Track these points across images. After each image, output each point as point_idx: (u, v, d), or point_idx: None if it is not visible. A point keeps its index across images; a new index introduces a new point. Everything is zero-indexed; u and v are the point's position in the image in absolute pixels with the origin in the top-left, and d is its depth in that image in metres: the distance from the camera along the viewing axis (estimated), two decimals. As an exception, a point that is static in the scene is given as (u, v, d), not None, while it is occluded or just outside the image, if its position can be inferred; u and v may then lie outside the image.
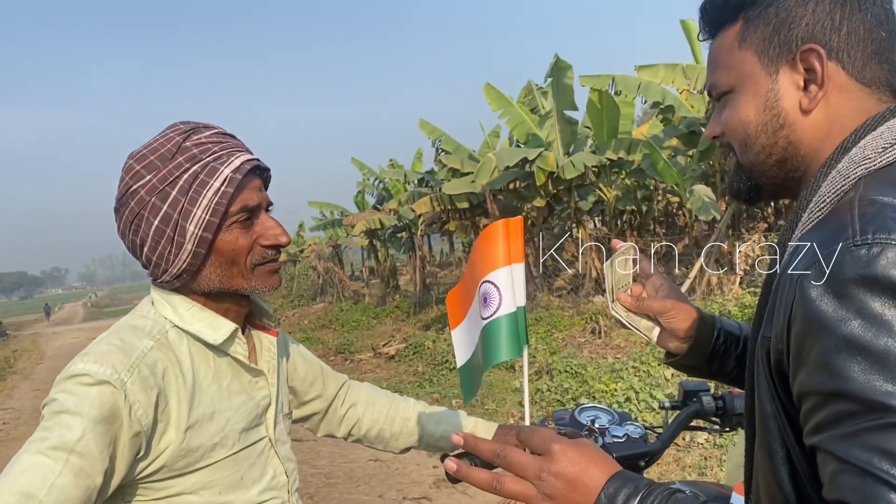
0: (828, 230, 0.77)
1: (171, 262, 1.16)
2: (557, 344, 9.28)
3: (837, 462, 0.68)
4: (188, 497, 1.18)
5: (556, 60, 10.90)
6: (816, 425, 0.71)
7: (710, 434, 5.02)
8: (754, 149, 0.93)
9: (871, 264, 0.69)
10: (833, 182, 0.83)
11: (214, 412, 1.21)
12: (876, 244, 0.69)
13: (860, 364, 0.67)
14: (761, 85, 0.90)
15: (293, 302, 23.06)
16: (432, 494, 4.89)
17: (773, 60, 0.89)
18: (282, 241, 1.24)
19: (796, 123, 0.89)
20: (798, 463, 0.79)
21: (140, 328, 1.18)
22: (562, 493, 0.83)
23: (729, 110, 0.94)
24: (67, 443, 1.02)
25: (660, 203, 15.24)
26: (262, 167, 1.25)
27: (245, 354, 1.26)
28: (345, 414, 1.62)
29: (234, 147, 1.20)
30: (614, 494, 0.80)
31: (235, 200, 1.17)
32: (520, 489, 0.85)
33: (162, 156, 1.14)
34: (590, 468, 0.84)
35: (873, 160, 0.82)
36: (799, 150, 0.90)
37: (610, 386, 6.31)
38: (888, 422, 0.65)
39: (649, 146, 9.96)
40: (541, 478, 0.84)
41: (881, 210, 0.73)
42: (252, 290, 1.24)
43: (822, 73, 0.85)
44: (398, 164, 19.73)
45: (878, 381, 0.66)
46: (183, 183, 1.13)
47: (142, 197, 1.13)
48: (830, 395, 0.69)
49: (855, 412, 0.67)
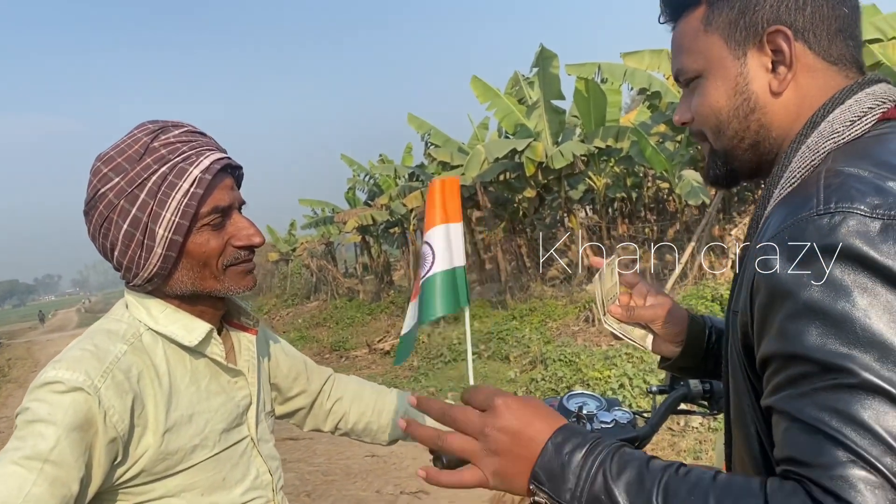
0: (794, 202, 0.79)
1: (142, 266, 1.14)
2: (551, 333, 9.30)
3: (790, 420, 0.69)
4: (170, 500, 1.17)
5: (542, 50, 10.89)
6: (774, 386, 0.73)
7: (705, 418, 5.04)
8: (728, 134, 0.93)
9: (833, 232, 0.70)
10: (803, 157, 0.84)
11: (193, 414, 1.19)
12: (838, 213, 0.71)
13: (818, 328, 0.69)
14: (730, 69, 0.90)
15: (287, 301, 23.01)
16: (429, 488, 4.89)
17: (739, 44, 0.89)
18: (255, 241, 1.22)
19: (767, 106, 0.90)
20: (765, 436, 0.80)
21: (114, 332, 1.16)
22: (506, 448, 0.80)
23: (699, 97, 0.94)
24: (41, 452, 1.00)
25: (649, 189, 15.25)
26: (233, 165, 1.22)
27: (222, 355, 1.25)
28: (331, 408, 1.60)
29: (203, 146, 1.17)
30: (562, 444, 0.78)
31: (206, 202, 1.15)
32: (463, 445, 0.83)
33: (129, 157, 1.12)
34: (535, 421, 0.81)
35: (841, 134, 0.83)
36: (771, 132, 0.91)
37: (604, 373, 6.33)
38: (842, 382, 0.66)
39: (637, 133, 9.96)
40: (484, 433, 0.81)
41: (846, 180, 0.74)
42: (226, 292, 1.22)
43: (790, 53, 0.86)
44: (388, 160, 19.66)
45: (835, 344, 0.67)
46: (151, 185, 1.11)
47: (110, 200, 1.11)
48: (789, 357, 0.71)
49: (811, 373, 0.69)
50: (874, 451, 0.63)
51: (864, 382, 0.65)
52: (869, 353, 0.66)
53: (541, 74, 11.05)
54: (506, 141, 11.85)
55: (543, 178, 11.90)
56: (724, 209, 11.38)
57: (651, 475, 0.73)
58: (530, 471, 0.79)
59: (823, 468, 0.65)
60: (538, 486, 0.79)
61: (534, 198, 13.07)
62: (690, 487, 0.70)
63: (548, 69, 10.94)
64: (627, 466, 0.75)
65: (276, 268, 28.04)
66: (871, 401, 0.64)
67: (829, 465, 0.64)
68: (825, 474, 0.64)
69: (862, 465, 0.63)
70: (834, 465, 0.64)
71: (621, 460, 0.76)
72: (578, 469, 0.76)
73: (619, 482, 0.74)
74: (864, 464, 0.63)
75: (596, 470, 0.75)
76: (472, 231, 15.90)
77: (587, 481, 0.75)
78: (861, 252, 0.68)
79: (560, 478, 0.77)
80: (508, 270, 13.52)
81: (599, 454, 0.77)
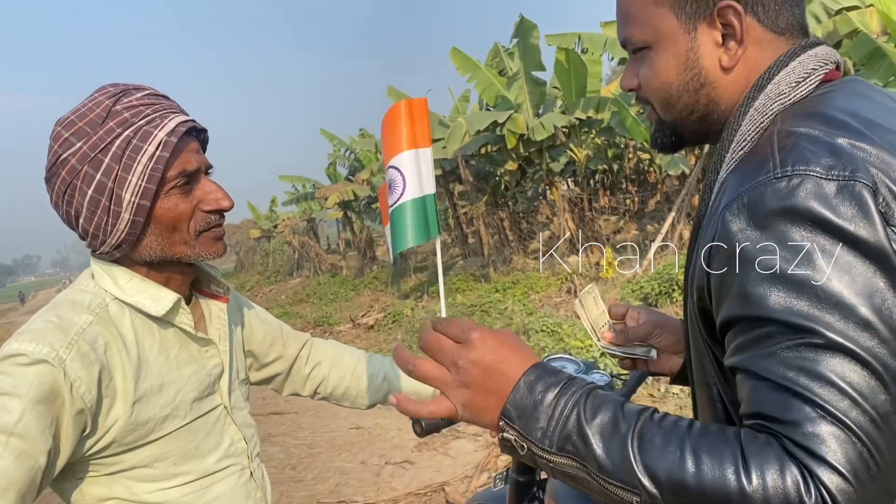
0: (749, 165, 0.79)
1: (109, 233, 1.12)
2: (534, 305, 9.35)
3: (756, 379, 0.71)
4: (142, 470, 1.16)
5: (521, 20, 10.79)
6: (737, 346, 0.74)
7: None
8: (677, 107, 0.93)
9: (791, 195, 0.71)
10: (752, 119, 0.84)
11: (163, 384, 1.18)
12: (795, 176, 0.72)
13: (781, 290, 0.70)
14: (680, 44, 0.89)
15: (269, 278, 22.92)
16: (414, 458, 4.93)
17: (690, 18, 0.88)
18: (224, 205, 1.19)
19: (717, 81, 0.89)
20: (728, 398, 0.82)
21: (78, 303, 1.14)
22: (477, 381, 0.79)
23: (647, 69, 0.93)
24: (6, 425, 0.99)
25: (631, 161, 15.27)
26: (198, 128, 1.20)
27: (191, 324, 1.23)
28: (309, 373, 1.60)
29: (167, 109, 1.14)
30: (534, 382, 0.78)
31: (172, 165, 1.12)
32: (435, 373, 0.82)
33: (91, 121, 1.09)
34: (510, 357, 0.80)
35: (788, 95, 0.84)
36: (719, 104, 0.91)
37: (585, 342, 6.38)
38: (807, 341, 0.68)
39: (618, 104, 9.93)
40: (457, 364, 0.80)
41: (798, 141, 0.75)
42: (197, 258, 1.20)
43: (741, 29, 0.86)
44: (369, 134, 19.49)
45: (798, 305, 0.69)
46: (115, 149, 1.08)
47: (73, 166, 1.08)
48: (753, 319, 0.72)
49: (775, 334, 0.70)
50: (841, 406, 0.65)
51: (830, 342, 0.67)
52: (832, 315, 0.67)
53: (521, 45, 10.96)
54: (487, 113, 11.77)
55: (525, 151, 11.87)
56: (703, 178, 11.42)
57: (626, 419, 0.73)
58: (501, 407, 0.78)
59: (794, 424, 0.66)
60: (508, 423, 0.78)
61: (515, 170, 13.04)
62: (666, 433, 0.71)
63: (528, 40, 10.85)
64: (601, 408, 0.74)
65: (257, 245, 27.90)
66: (837, 359, 0.66)
67: (799, 421, 0.66)
68: (797, 430, 0.66)
69: (830, 420, 0.65)
70: (804, 420, 0.66)
71: (595, 402, 0.75)
72: (551, 409, 0.76)
73: (592, 424, 0.73)
74: (832, 419, 0.65)
75: (570, 410, 0.75)
76: (455, 205, 15.87)
77: (559, 421, 0.75)
78: (819, 214, 0.69)
79: (531, 416, 0.76)
80: (491, 244, 13.53)
81: (573, 395, 0.76)
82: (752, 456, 0.67)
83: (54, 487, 1.15)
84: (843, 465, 0.64)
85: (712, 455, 0.68)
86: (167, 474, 1.18)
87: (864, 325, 0.67)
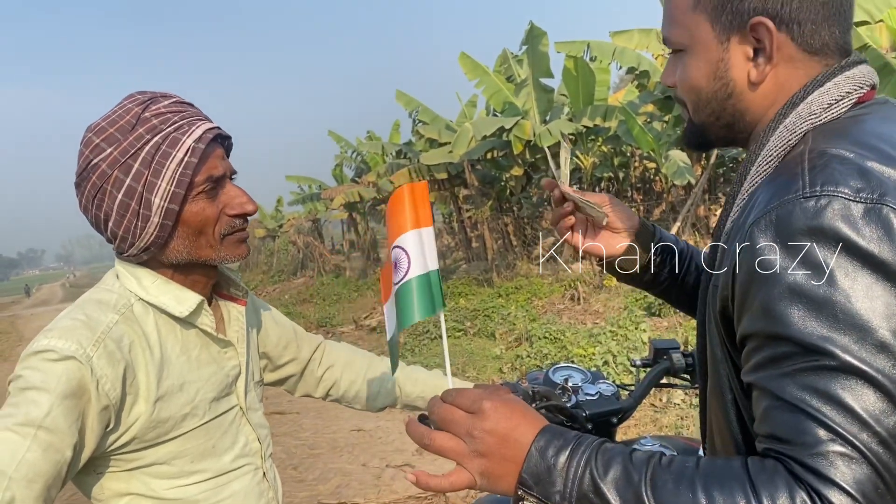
0: (779, 182, 0.80)
1: (138, 236, 1.15)
2: (537, 311, 9.36)
3: (772, 398, 0.72)
4: (160, 467, 1.19)
5: (531, 27, 10.82)
6: (755, 364, 0.75)
7: (686, 393, 5.12)
8: (705, 111, 0.95)
9: (819, 215, 0.71)
10: (780, 136, 0.85)
11: (184, 383, 1.21)
12: (824, 196, 0.72)
13: (801, 310, 0.71)
14: (712, 53, 0.91)
15: (273, 277, 22.96)
16: (415, 461, 4.95)
17: (724, 29, 0.89)
18: (248, 209, 1.23)
19: (744, 94, 0.91)
20: (742, 404, 0.83)
21: (105, 302, 1.17)
22: (493, 450, 0.81)
23: (682, 70, 0.96)
24: (35, 419, 1.02)
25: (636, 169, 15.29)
26: (223, 135, 1.23)
27: (212, 326, 1.26)
28: (322, 375, 1.63)
29: (193, 116, 1.18)
30: (545, 447, 0.79)
31: (200, 170, 1.16)
32: (451, 445, 0.83)
33: (121, 128, 1.12)
34: (521, 424, 0.82)
35: (819, 116, 0.84)
36: (745, 116, 0.93)
37: (588, 350, 6.39)
38: (823, 364, 0.69)
39: (625, 112, 9.96)
40: (472, 435, 0.82)
41: (830, 162, 0.76)
42: (222, 261, 1.23)
43: (771, 47, 0.86)
44: (376, 136, 19.57)
45: (816, 326, 0.70)
46: (145, 155, 1.11)
47: (103, 171, 1.12)
48: (771, 337, 0.73)
49: (792, 354, 0.71)
50: (852, 430, 0.66)
51: (844, 364, 0.67)
52: (849, 336, 0.68)
53: (530, 52, 10.99)
54: (494, 119, 11.81)
55: (531, 157, 11.89)
56: (709, 189, 11.46)
57: (637, 469, 0.75)
58: (517, 474, 0.80)
59: (804, 446, 0.67)
60: (526, 491, 0.80)
61: (521, 176, 13.06)
62: (676, 477, 0.72)
63: (537, 47, 10.88)
64: (612, 462, 0.76)
65: (262, 244, 27.95)
66: (850, 382, 0.67)
67: (809, 444, 0.67)
68: (806, 452, 0.67)
69: (841, 443, 0.66)
70: (814, 443, 0.67)
71: (605, 457, 0.77)
72: (565, 470, 0.77)
73: (606, 479, 0.75)
74: (843, 441, 0.66)
75: (583, 469, 0.76)
76: (460, 209, 15.90)
77: (575, 481, 0.76)
78: (844, 235, 0.70)
79: (547, 481, 0.78)
80: (495, 248, 13.56)
81: (584, 453, 0.78)
82: (762, 485, 0.68)
83: (75, 481, 1.18)
84: (850, 485, 0.65)
85: (723, 490, 0.69)
86: (184, 472, 1.21)
87: (881, 348, 0.67)
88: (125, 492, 1.18)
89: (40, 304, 40.11)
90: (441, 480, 0.84)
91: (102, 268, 13.50)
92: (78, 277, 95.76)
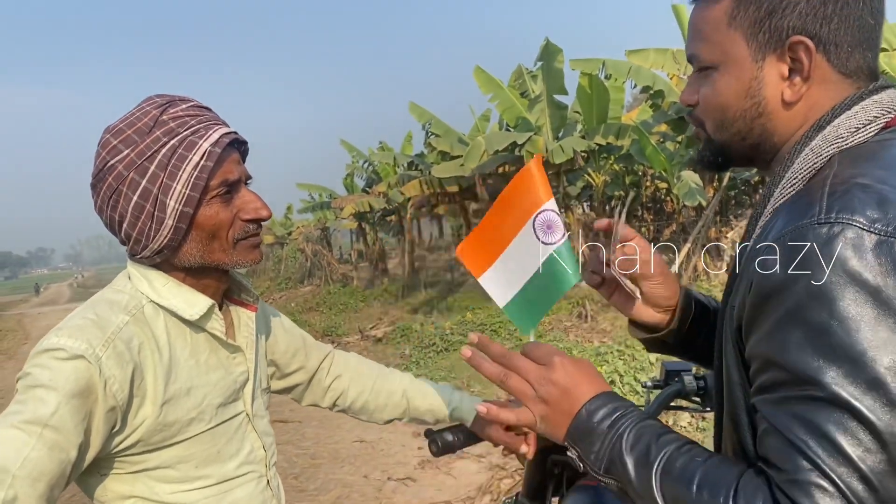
0: (798, 206, 0.80)
1: (152, 238, 1.15)
2: (544, 327, 9.32)
3: (766, 423, 0.75)
4: (165, 471, 1.18)
5: (547, 44, 10.85)
6: (758, 387, 0.78)
7: (693, 416, 5.07)
8: (730, 131, 0.94)
9: (829, 243, 0.72)
10: (806, 159, 0.85)
11: (192, 387, 1.20)
12: (837, 223, 0.72)
13: (797, 336, 0.72)
14: (746, 71, 0.89)
15: (280, 284, 23.00)
16: (416, 475, 4.91)
17: (761, 46, 0.88)
18: (262, 214, 1.23)
19: (775, 113, 0.90)
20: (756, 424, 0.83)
21: (116, 303, 1.17)
22: (554, 399, 0.91)
23: (709, 88, 0.94)
24: (41, 417, 1.01)
25: (648, 189, 15.26)
26: (239, 140, 1.23)
27: (222, 330, 1.26)
28: (329, 384, 1.61)
29: (210, 120, 1.18)
30: (594, 411, 0.89)
31: (215, 174, 1.16)
32: (521, 388, 0.94)
33: (139, 130, 1.12)
34: (582, 383, 0.92)
35: (846, 139, 0.84)
36: (773, 136, 0.92)
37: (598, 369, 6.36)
38: (811, 394, 0.70)
39: (638, 131, 9.95)
40: (540, 382, 0.93)
41: (849, 189, 0.75)
42: (234, 265, 1.23)
43: (809, 67, 0.85)
44: (388, 147, 19.61)
45: (809, 355, 0.70)
46: (161, 157, 1.11)
47: (119, 172, 1.12)
48: (768, 361, 0.75)
49: (785, 381, 0.73)
50: (830, 462, 0.67)
51: (834, 397, 0.68)
52: (842, 368, 0.69)
53: (545, 68, 11.02)
54: (506, 133, 11.82)
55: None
56: (721, 212, 11.41)
57: (658, 449, 0.82)
58: (568, 427, 0.90)
59: (786, 473, 0.70)
60: (571, 444, 0.90)
61: (532, 192, 13.05)
62: (685, 463, 0.79)
63: (552, 63, 10.90)
64: (641, 438, 0.84)
65: (270, 251, 28.02)
66: (837, 415, 0.68)
67: (790, 471, 0.70)
68: (786, 478, 0.70)
69: (818, 475, 0.67)
70: (795, 471, 0.69)
71: (638, 432, 0.85)
72: (603, 436, 0.86)
73: (631, 453, 0.83)
74: (820, 473, 0.67)
75: (617, 439, 0.85)
76: (469, 223, 15.90)
77: (608, 448, 0.85)
78: (852, 266, 0.70)
79: (587, 441, 0.88)
80: (503, 263, 13.51)
81: (624, 424, 0.86)
82: (743, 491, 0.72)
83: (79, 482, 1.16)
84: None
85: (711, 490, 0.74)
86: (189, 476, 1.20)
87: (873, 384, 0.67)
88: (128, 494, 1.17)
89: (47, 304, 40.26)
90: (508, 413, 0.96)
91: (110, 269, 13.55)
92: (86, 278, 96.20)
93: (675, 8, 10.24)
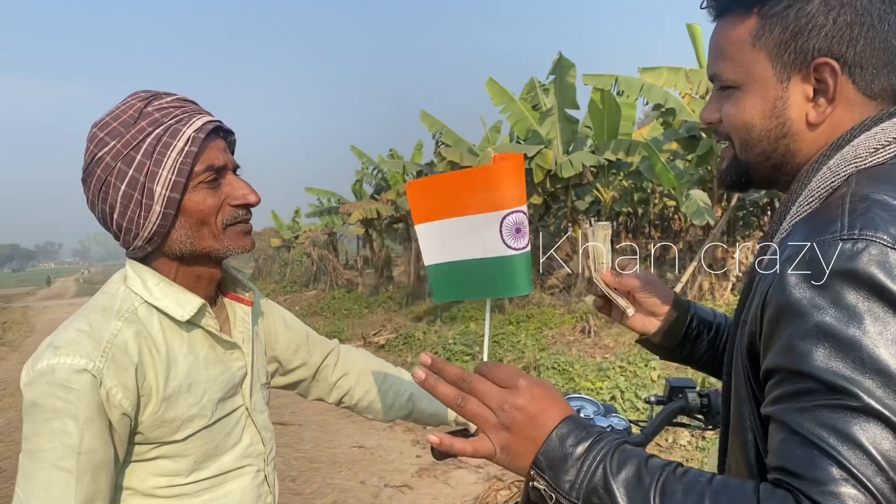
0: (818, 222, 0.80)
1: (142, 226, 1.16)
2: (547, 341, 9.30)
3: (788, 432, 0.72)
4: (164, 461, 1.19)
5: (560, 58, 10.89)
6: (775, 397, 0.75)
7: (693, 434, 5.04)
8: (755, 150, 0.94)
9: (854, 259, 0.72)
10: (823, 177, 0.85)
11: (192, 384, 1.21)
12: (861, 240, 0.73)
13: (826, 349, 0.71)
14: (770, 91, 0.89)
15: (285, 287, 23.04)
16: (414, 483, 4.90)
17: (786, 67, 0.87)
18: (251, 200, 1.24)
19: (799, 134, 0.89)
20: (762, 445, 0.82)
21: (108, 309, 1.18)
22: (520, 426, 0.83)
23: (732, 107, 0.93)
24: (72, 448, 1.06)
25: (656, 206, 15.25)
26: (224, 129, 1.25)
27: (216, 327, 1.26)
28: (336, 381, 1.61)
29: (194, 111, 1.20)
30: (566, 435, 0.81)
31: (200, 160, 1.17)
32: (481, 413, 0.85)
33: (124, 122, 1.15)
34: (550, 408, 0.84)
35: (864, 159, 0.84)
36: (795, 157, 0.91)
37: (596, 384, 6.33)
38: (844, 404, 0.69)
39: (648, 148, 9.97)
40: (503, 408, 0.84)
41: (871, 207, 0.76)
42: (225, 252, 1.23)
43: (834, 89, 0.85)
44: (398, 155, 19.67)
45: (841, 366, 0.70)
46: (147, 146, 1.14)
47: (107, 163, 1.14)
48: (794, 373, 0.73)
49: (814, 390, 0.71)
50: (867, 471, 0.66)
51: (866, 406, 0.68)
52: (873, 380, 0.68)
53: (557, 82, 11.05)
54: (517, 146, 11.86)
55: (551, 186, 11.90)
56: (728, 232, 11.38)
57: (649, 473, 0.75)
58: (535, 454, 0.82)
59: (816, 482, 0.67)
60: (538, 473, 0.81)
61: (540, 205, 13.06)
62: (687, 488, 0.73)
63: (565, 77, 10.94)
64: (627, 463, 0.77)
65: (277, 254, 28.09)
66: (869, 424, 0.67)
67: (821, 480, 0.67)
68: (817, 488, 0.67)
69: (853, 484, 0.66)
70: (826, 480, 0.67)
71: (621, 457, 0.78)
72: (580, 462, 0.79)
73: (617, 478, 0.76)
74: (856, 482, 0.66)
75: (596, 465, 0.78)
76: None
77: (587, 475, 0.78)
78: (878, 281, 0.70)
79: (561, 468, 0.79)
80: (509, 275, 13.50)
81: (602, 449, 0.79)
82: None
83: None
84: None
85: None
86: (185, 470, 1.21)
87: None
88: (122, 486, 1.18)
89: (53, 297, 40.42)
90: (464, 444, 0.86)
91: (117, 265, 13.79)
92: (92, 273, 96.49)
93: (690, 27, 10.27)
